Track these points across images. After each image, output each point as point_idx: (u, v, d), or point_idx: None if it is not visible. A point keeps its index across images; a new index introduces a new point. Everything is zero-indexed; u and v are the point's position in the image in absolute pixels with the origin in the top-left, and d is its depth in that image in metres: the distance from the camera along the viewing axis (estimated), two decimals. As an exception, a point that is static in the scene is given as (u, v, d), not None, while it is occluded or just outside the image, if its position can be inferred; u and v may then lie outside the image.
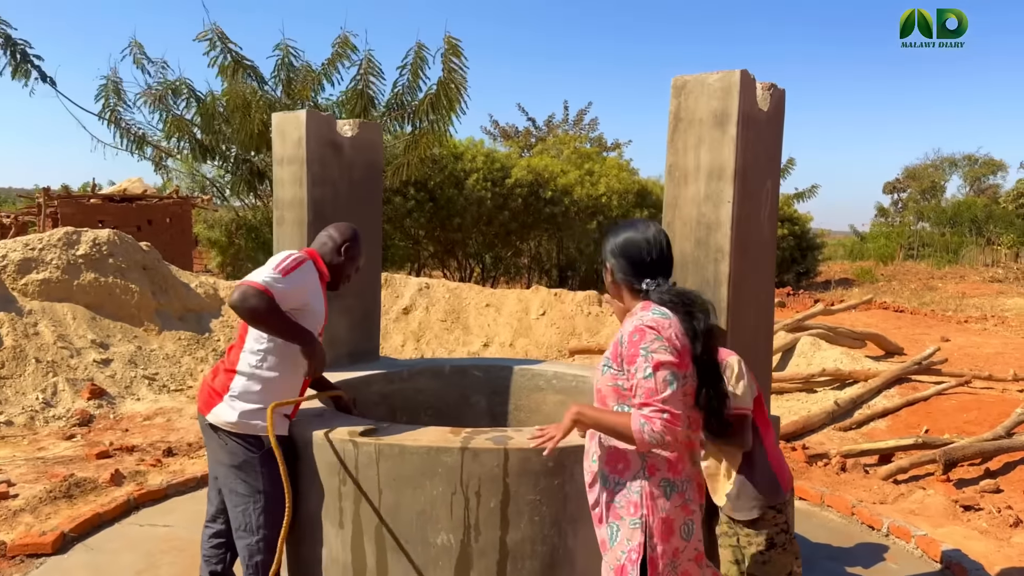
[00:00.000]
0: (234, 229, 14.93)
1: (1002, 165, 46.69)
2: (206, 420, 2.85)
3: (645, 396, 1.96)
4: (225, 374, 2.86)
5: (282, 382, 2.86)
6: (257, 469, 2.81)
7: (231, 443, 2.80)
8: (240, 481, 2.83)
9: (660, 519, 2.07)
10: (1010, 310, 16.28)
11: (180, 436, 6.19)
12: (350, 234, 3.04)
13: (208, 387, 2.89)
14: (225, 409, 2.80)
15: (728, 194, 2.75)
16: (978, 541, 4.22)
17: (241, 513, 2.84)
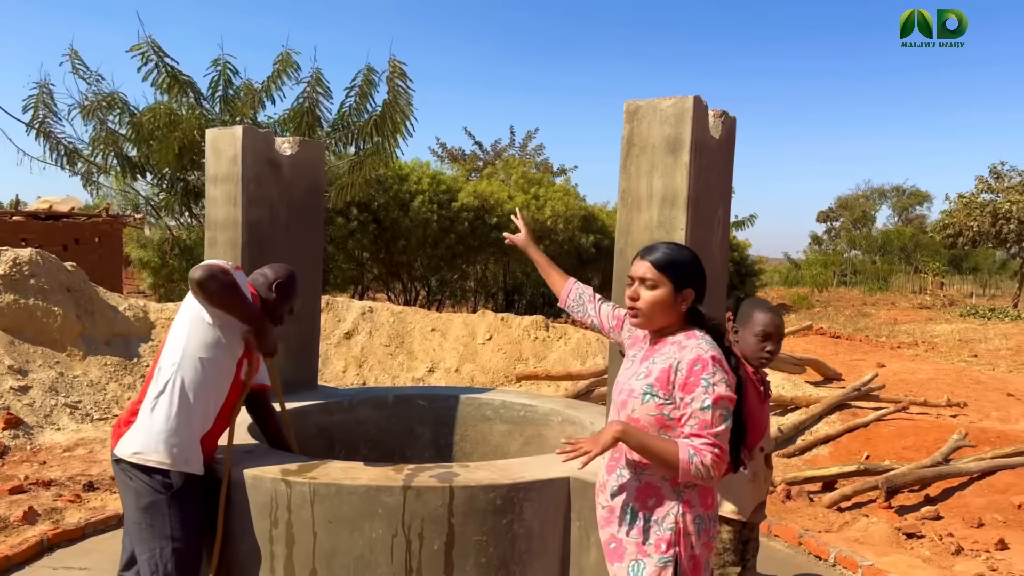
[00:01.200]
0: (167, 249, 14.41)
1: (927, 196, 48.95)
2: (112, 455, 2.63)
3: (699, 427, 1.92)
4: (137, 400, 2.66)
5: (197, 409, 2.62)
6: (164, 512, 2.56)
7: (136, 481, 2.56)
8: (146, 526, 2.57)
9: (691, 555, 2.02)
10: (939, 336, 16.86)
11: (103, 469, 5.82)
12: (284, 273, 2.91)
13: (122, 417, 2.67)
14: (132, 439, 2.57)
15: (681, 221, 2.69)
16: (922, 570, 4.23)
17: (147, 561, 2.57)
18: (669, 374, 1.99)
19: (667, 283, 2.05)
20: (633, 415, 2.03)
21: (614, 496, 2.11)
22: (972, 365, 12.79)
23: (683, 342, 2.04)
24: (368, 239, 15.01)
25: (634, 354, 2.21)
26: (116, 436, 2.63)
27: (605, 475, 2.18)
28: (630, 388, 2.08)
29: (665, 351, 2.06)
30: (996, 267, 36.84)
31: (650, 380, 2.03)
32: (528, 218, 13.80)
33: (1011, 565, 4.32)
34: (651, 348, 2.13)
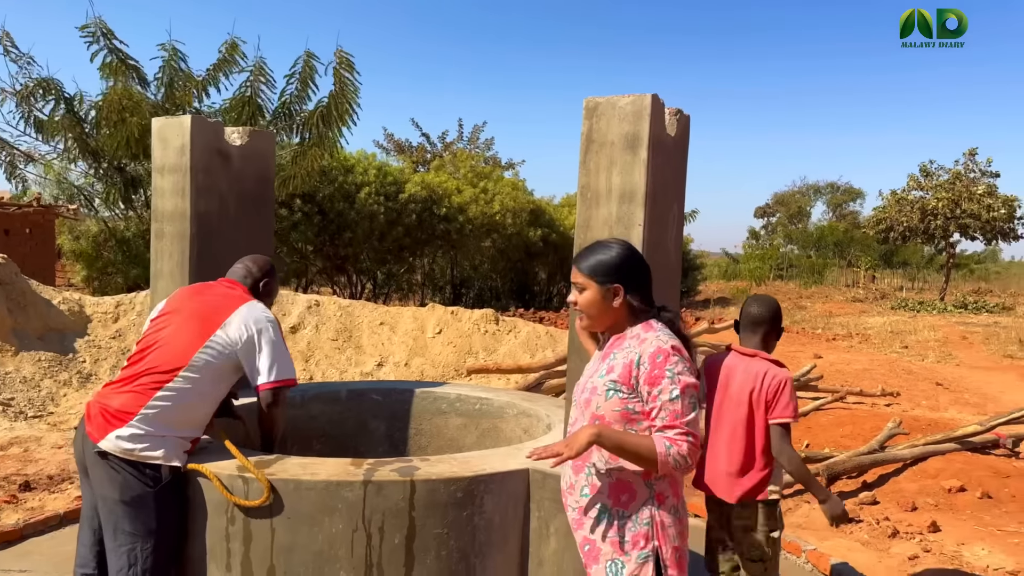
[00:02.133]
0: (103, 241, 13.93)
1: (860, 193, 50.66)
2: (94, 448, 2.55)
3: (670, 418, 1.94)
4: (135, 395, 2.59)
5: (203, 412, 2.72)
6: (151, 505, 2.55)
7: (125, 474, 2.52)
8: (129, 519, 2.54)
9: (673, 548, 2.04)
10: (872, 328, 17.51)
11: (39, 468, 5.61)
12: (269, 268, 2.97)
13: (107, 409, 2.59)
14: (128, 436, 2.53)
15: (639, 217, 2.74)
16: (861, 553, 4.41)
17: (126, 554, 2.55)
18: (631, 368, 2.01)
19: (592, 283, 2.10)
20: (598, 411, 2.05)
21: (584, 496, 2.12)
22: (903, 356, 13.33)
23: (641, 335, 2.07)
24: (312, 231, 14.79)
25: (597, 354, 2.24)
26: (102, 428, 2.56)
27: (572, 476, 2.16)
28: (592, 385, 2.10)
29: (625, 346, 2.09)
30: (924, 262, 38.40)
31: (613, 376, 2.04)
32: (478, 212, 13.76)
33: (943, 546, 4.54)
34: (610, 346, 2.15)
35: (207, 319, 2.72)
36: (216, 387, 2.73)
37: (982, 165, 25.72)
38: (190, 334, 2.67)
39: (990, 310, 23.06)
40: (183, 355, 2.64)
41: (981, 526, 4.92)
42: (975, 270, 41.92)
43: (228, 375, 2.76)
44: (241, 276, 2.90)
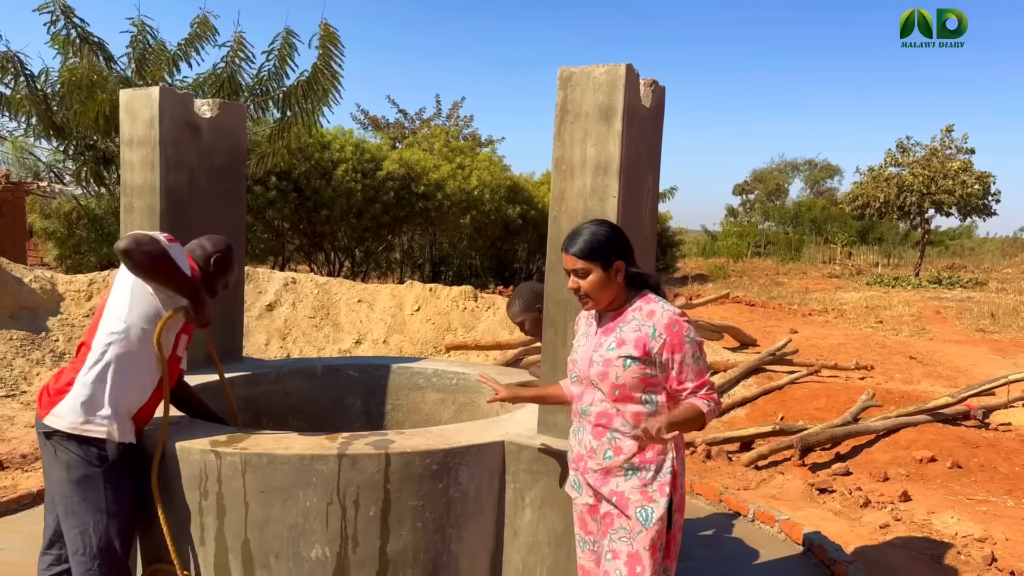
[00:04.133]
0: (75, 219, 13.68)
1: (838, 170, 50.99)
2: (40, 426, 2.50)
3: (697, 378, 2.17)
4: (70, 369, 2.54)
5: (136, 380, 2.57)
6: (99, 485, 2.50)
7: (69, 454, 2.48)
8: (79, 500, 2.50)
9: (681, 495, 2.27)
10: (847, 303, 17.70)
11: (12, 447, 5.55)
12: (223, 246, 2.86)
13: (51, 386, 2.55)
14: (66, 409, 2.47)
15: (614, 189, 2.72)
16: (833, 522, 4.49)
17: (79, 535, 2.50)
18: (646, 341, 2.18)
19: (596, 266, 2.23)
20: (618, 381, 2.20)
21: (608, 459, 2.24)
22: (878, 331, 13.50)
23: (645, 307, 2.25)
24: (288, 209, 14.60)
25: (585, 331, 2.39)
26: (45, 406, 2.51)
27: (592, 441, 2.26)
28: (605, 359, 2.22)
29: (630, 320, 2.24)
30: (900, 238, 38.82)
31: (627, 349, 2.19)
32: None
33: (913, 515, 4.63)
34: (612, 321, 2.29)
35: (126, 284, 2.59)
36: (141, 345, 2.54)
37: (958, 141, 25.96)
38: (102, 301, 2.61)
39: (964, 285, 23.39)
40: (95, 322, 2.59)
41: (951, 495, 5.02)
42: (950, 246, 42.47)
43: (146, 325, 2.54)
44: (190, 249, 2.81)
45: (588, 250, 2.23)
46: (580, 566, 2.41)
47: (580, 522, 2.38)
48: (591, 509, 2.32)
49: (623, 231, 2.34)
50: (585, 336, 2.38)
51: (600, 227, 2.28)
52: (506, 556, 2.81)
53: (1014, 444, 5.83)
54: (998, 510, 4.76)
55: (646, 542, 2.17)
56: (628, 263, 2.28)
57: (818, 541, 3.87)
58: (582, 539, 2.38)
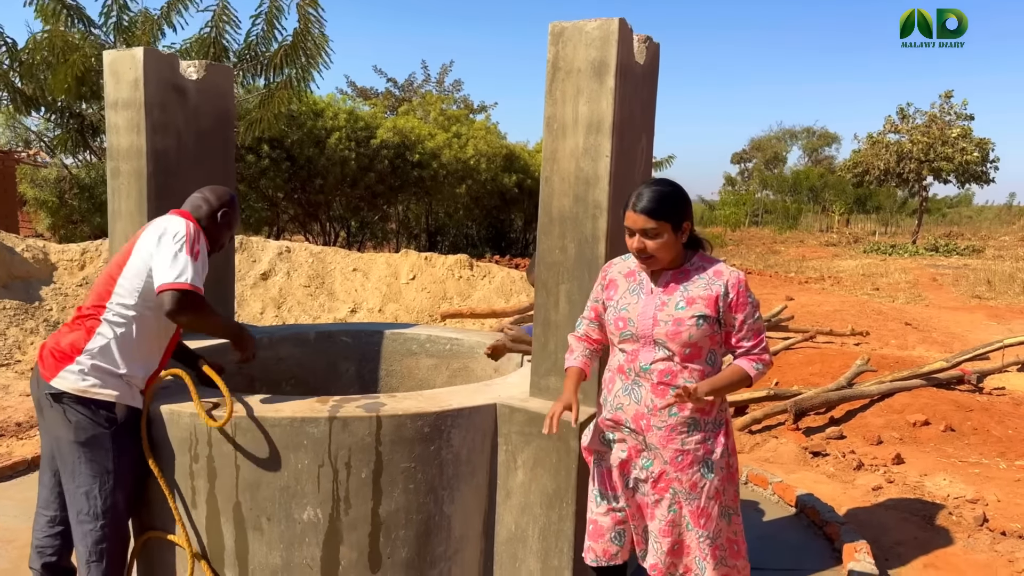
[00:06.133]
0: (66, 188, 13.56)
1: (836, 137, 50.75)
2: (47, 388, 2.48)
3: (754, 337, 2.26)
4: (77, 333, 2.52)
5: (147, 347, 2.61)
6: (107, 446, 2.51)
7: (78, 415, 2.48)
8: (85, 460, 2.50)
9: (732, 441, 2.37)
10: (844, 271, 17.72)
11: (7, 416, 5.55)
12: (227, 199, 2.82)
13: (52, 350, 2.53)
14: (77, 372, 2.47)
15: (606, 148, 2.68)
16: (826, 484, 4.51)
17: (85, 496, 2.52)
18: (717, 299, 2.22)
19: (667, 227, 2.22)
20: (691, 340, 2.22)
21: (674, 415, 2.26)
22: (874, 298, 13.52)
23: (710, 267, 2.29)
24: (282, 178, 14.48)
25: (635, 288, 2.35)
26: (51, 368, 2.49)
27: (655, 398, 2.26)
28: (675, 318, 2.22)
29: (697, 280, 2.27)
30: (897, 206, 38.76)
31: (698, 307, 2.22)
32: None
33: (906, 477, 4.65)
34: (673, 280, 2.30)
35: (129, 245, 2.61)
36: (154, 314, 2.54)
37: (957, 107, 25.80)
38: (115, 264, 2.59)
39: (960, 253, 23.41)
40: (108, 285, 2.56)
41: (944, 457, 5.05)
42: (947, 214, 42.44)
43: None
44: (195, 207, 2.75)
45: (662, 211, 2.20)
46: (592, 520, 2.43)
47: (603, 478, 2.40)
48: (623, 464, 2.35)
49: (686, 191, 2.32)
50: (635, 294, 2.33)
51: (669, 187, 2.26)
52: (498, 517, 2.81)
53: (1007, 408, 5.85)
54: (990, 472, 4.79)
55: (711, 491, 2.27)
56: (692, 224, 2.31)
57: (811, 503, 3.89)
58: (602, 494, 2.41)
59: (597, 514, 2.42)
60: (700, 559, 2.30)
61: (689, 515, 2.28)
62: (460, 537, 2.73)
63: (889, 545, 3.69)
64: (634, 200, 2.24)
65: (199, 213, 2.75)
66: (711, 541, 2.29)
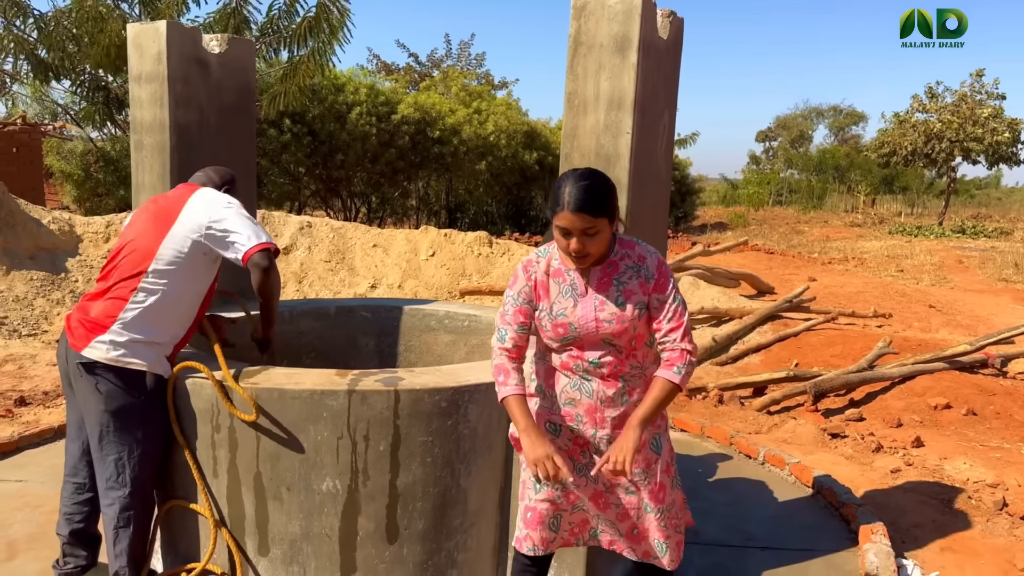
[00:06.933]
0: (91, 161, 13.69)
1: (863, 116, 49.82)
2: (78, 358, 2.53)
3: (676, 319, 2.15)
4: (110, 303, 2.56)
5: (180, 315, 2.66)
6: (136, 415, 2.57)
7: (109, 385, 2.52)
8: (114, 429, 2.56)
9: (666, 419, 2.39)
10: (868, 252, 17.49)
11: (34, 384, 5.67)
12: (229, 178, 2.91)
13: (85, 319, 2.57)
14: (108, 341, 2.51)
15: (627, 125, 2.65)
16: (844, 466, 4.49)
17: (114, 463, 2.58)
18: (645, 285, 2.17)
19: (605, 222, 2.08)
20: (636, 332, 2.17)
21: (625, 402, 2.24)
22: (898, 279, 13.35)
23: (633, 254, 2.20)
24: (303, 153, 14.52)
25: (568, 290, 2.20)
26: (81, 338, 2.54)
27: (607, 390, 2.21)
28: (618, 316, 2.15)
29: (626, 270, 2.19)
30: (925, 187, 38.08)
31: (635, 299, 2.16)
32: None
33: (925, 460, 4.62)
34: (603, 275, 2.19)
35: (165, 214, 2.65)
36: (190, 284, 2.64)
37: (989, 86, 25.21)
38: (151, 233, 2.62)
39: (988, 235, 23.00)
40: (147, 254, 2.59)
41: (964, 441, 5.00)
42: (976, 195, 41.66)
43: (199, 268, 2.65)
44: (200, 182, 2.84)
45: (600, 206, 2.04)
46: (530, 508, 2.34)
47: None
48: (570, 452, 2.29)
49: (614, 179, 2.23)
50: (569, 297, 2.20)
51: (598, 179, 2.09)
52: (514, 491, 2.84)
53: (1032, 392, 5.78)
54: (1012, 457, 4.75)
55: (663, 465, 2.28)
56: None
57: (828, 484, 3.89)
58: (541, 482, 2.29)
59: (536, 500, 2.33)
60: (660, 540, 2.29)
61: (648, 496, 2.26)
62: (476, 510, 2.75)
63: (906, 528, 3.68)
64: (566, 200, 2.03)
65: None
66: (667, 513, 2.30)
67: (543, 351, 2.33)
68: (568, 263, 2.21)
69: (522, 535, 2.35)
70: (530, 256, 2.30)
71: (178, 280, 2.60)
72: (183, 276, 2.60)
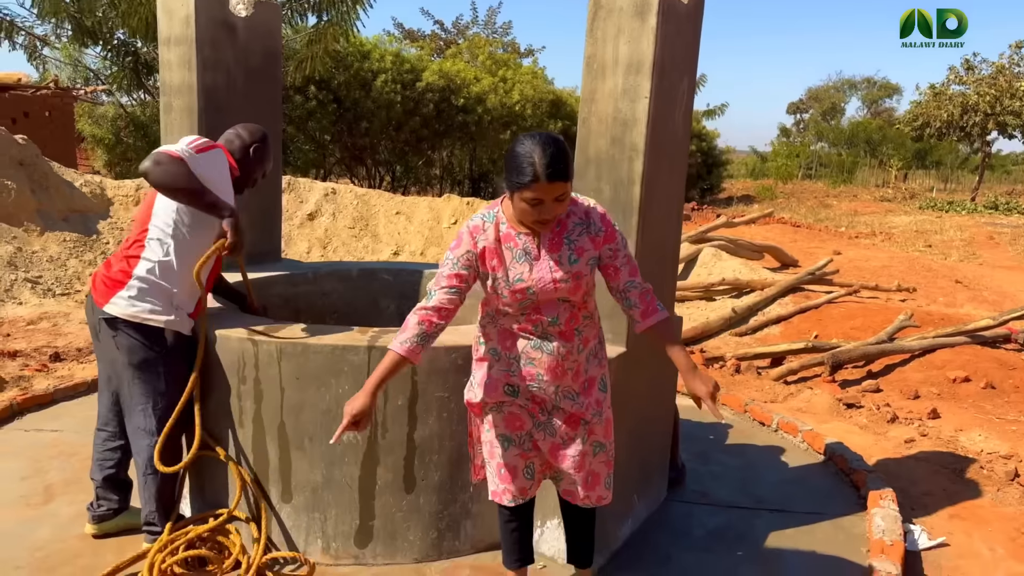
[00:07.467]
0: (122, 126, 13.88)
1: (897, 88, 48.72)
2: (101, 314, 2.65)
3: (631, 266, 2.26)
4: (125, 261, 2.66)
5: (189, 271, 2.71)
6: (159, 369, 2.68)
7: (131, 340, 2.63)
8: (139, 381, 2.68)
9: None
10: (896, 227, 17.25)
11: (68, 341, 5.85)
12: (259, 135, 2.94)
13: (104, 277, 2.68)
14: (127, 298, 2.62)
15: (645, 89, 2.68)
16: (858, 435, 4.53)
17: (141, 413, 2.70)
18: (595, 240, 2.22)
19: (570, 186, 2.09)
20: (587, 287, 2.26)
21: (581, 351, 2.31)
22: (926, 254, 13.17)
23: (579, 211, 2.23)
24: (328, 120, 14.59)
25: (521, 255, 2.19)
26: (103, 295, 2.64)
27: (564, 345, 2.26)
28: (573, 273, 2.19)
29: (571, 227, 2.21)
30: (959, 162, 37.28)
31: (589, 254, 2.21)
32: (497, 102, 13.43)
33: (940, 431, 4.64)
34: (554, 236, 2.19)
35: None
36: (190, 239, 2.67)
37: (1028, 59, 24.51)
38: (151, 194, 2.71)
39: (1022, 211, 22.53)
40: (147, 215, 2.69)
41: (981, 414, 5.00)
42: (1011, 171, 40.68)
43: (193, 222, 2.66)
44: (227, 140, 2.88)
45: (569, 171, 2.06)
46: (502, 464, 2.37)
47: (510, 420, 2.35)
48: (531, 410, 2.34)
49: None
50: (523, 262, 2.19)
51: (562, 142, 2.07)
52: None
53: (1054, 368, 5.74)
54: (1029, 430, 4.74)
55: (608, 402, 2.41)
56: None
57: (839, 451, 3.93)
58: (507, 439, 2.35)
59: (507, 458, 2.37)
60: (607, 480, 2.43)
61: (600, 434, 2.38)
62: (491, 465, 2.84)
63: (917, 495, 3.72)
64: (540, 170, 1.99)
65: (232, 147, 2.86)
66: (611, 449, 2.42)
67: (494, 314, 2.31)
68: (517, 227, 2.19)
69: (499, 489, 2.39)
70: (475, 221, 2.23)
71: (178, 233, 2.65)
72: (180, 231, 2.65)
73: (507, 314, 2.27)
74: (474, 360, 2.40)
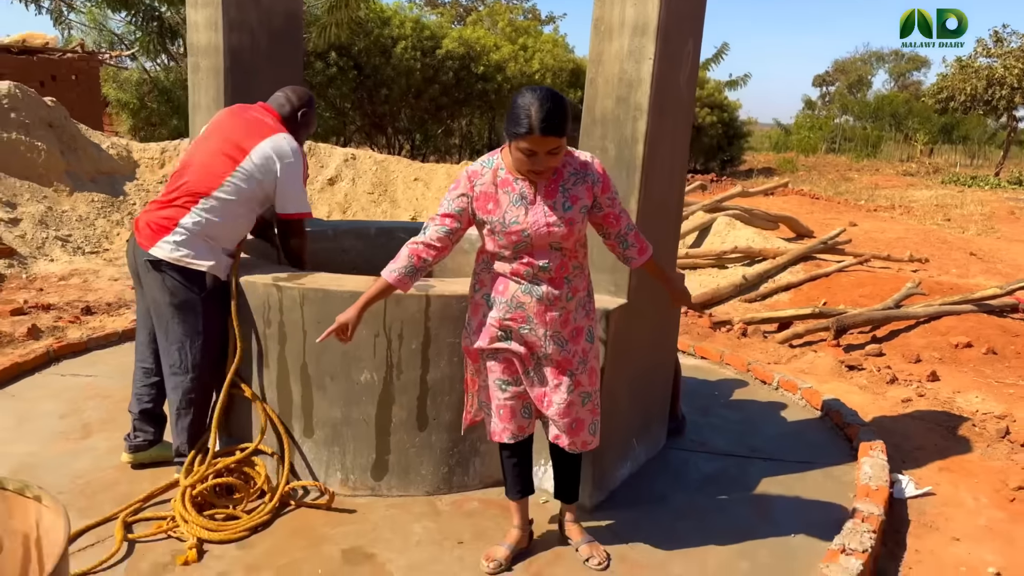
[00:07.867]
0: (146, 91, 14.09)
1: (926, 61, 47.82)
2: (145, 256, 2.84)
3: (626, 216, 2.47)
4: (173, 208, 2.86)
5: (232, 231, 2.96)
6: (198, 309, 2.88)
7: (174, 281, 2.84)
8: (178, 320, 2.88)
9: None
10: (916, 201, 17.14)
11: (98, 296, 6.10)
12: (307, 99, 3.16)
13: (152, 221, 2.87)
14: (172, 243, 2.82)
15: (650, 51, 2.80)
16: (857, 395, 4.67)
17: (177, 351, 2.91)
18: (591, 188, 2.37)
19: (565, 140, 2.23)
20: (580, 233, 2.40)
21: (570, 299, 2.44)
22: (943, 228, 13.14)
23: (576, 162, 2.37)
24: (348, 87, 14.70)
25: (517, 200, 2.33)
26: (149, 239, 2.84)
27: (554, 291, 2.39)
28: (566, 219, 2.33)
29: (567, 176, 2.36)
30: (986, 137, 36.63)
31: (582, 203, 2.36)
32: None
33: (937, 392, 4.77)
34: (551, 183, 2.34)
35: (237, 147, 2.91)
36: (247, 210, 2.96)
37: (1060, 31, 23.97)
38: (222, 161, 2.89)
39: (1047, 187, 22.21)
40: (215, 179, 2.87)
41: (980, 378, 5.12)
42: (1039, 147, 39.93)
43: (257, 201, 2.98)
44: (279, 104, 3.08)
45: (564, 126, 2.17)
46: (501, 405, 2.51)
47: (505, 366, 2.47)
48: (523, 356, 2.45)
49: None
50: (519, 206, 2.32)
51: (561, 98, 2.19)
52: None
53: (1058, 336, 5.82)
54: (1026, 394, 4.86)
55: (595, 352, 2.54)
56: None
57: (836, 407, 4.08)
58: (505, 381, 2.48)
59: (504, 399, 2.50)
60: (591, 427, 2.55)
61: (586, 383, 2.49)
62: (498, 407, 3.03)
63: (909, 450, 3.87)
64: (534, 123, 2.12)
65: (283, 112, 3.06)
66: (596, 397, 2.55)
67: (489, 260, 2.44)
68: (515, 173, 2.33)
69: (499, 428, 2.54)
70: (475, 166, 2.39)
71: (238, 206, 2.90)
72: (242, 204, 2.91)
73: (502, 257, 2.40)
74: (469, 306, 2.55)
